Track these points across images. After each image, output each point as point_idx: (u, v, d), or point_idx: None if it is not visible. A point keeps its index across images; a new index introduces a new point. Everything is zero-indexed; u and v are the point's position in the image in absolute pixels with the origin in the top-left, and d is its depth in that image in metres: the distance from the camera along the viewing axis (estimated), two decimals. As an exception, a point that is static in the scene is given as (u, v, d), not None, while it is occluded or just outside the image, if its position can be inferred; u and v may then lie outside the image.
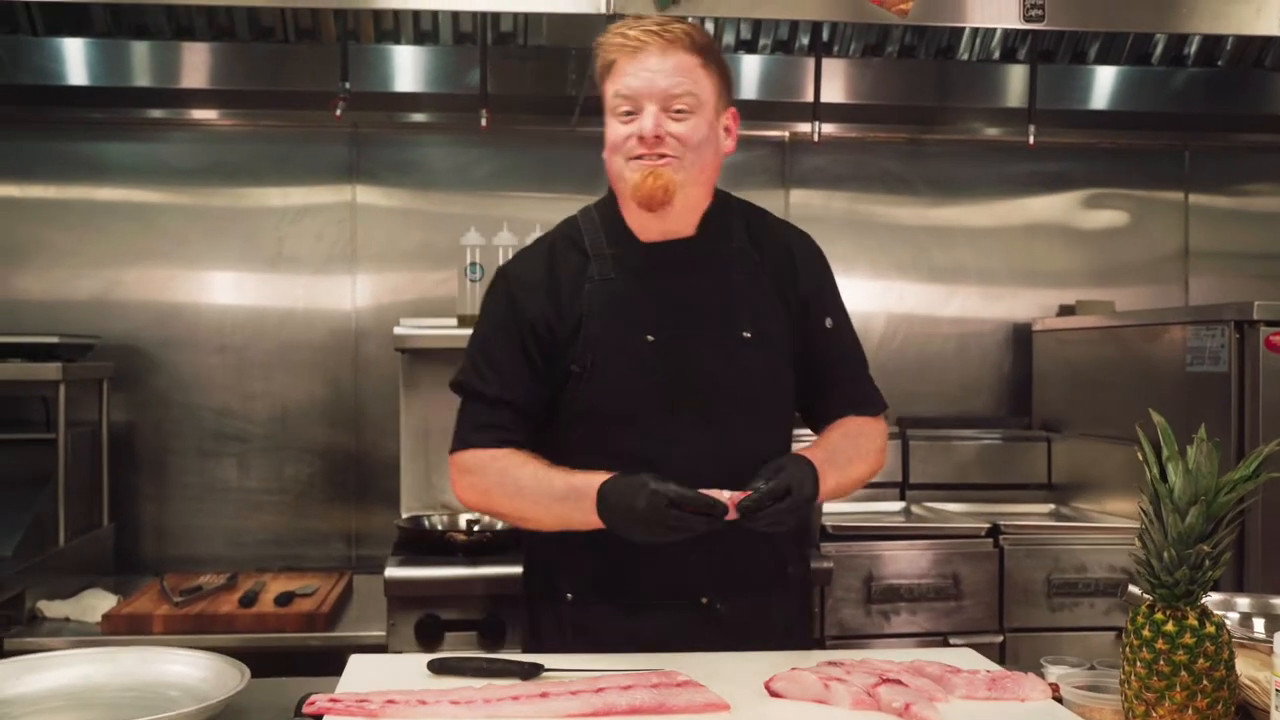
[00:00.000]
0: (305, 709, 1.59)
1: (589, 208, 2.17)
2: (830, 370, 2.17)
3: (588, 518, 1.92)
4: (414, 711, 1.57)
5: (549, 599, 2.12)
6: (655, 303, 2.05)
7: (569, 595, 2.09)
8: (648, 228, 2.07)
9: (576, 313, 2.04)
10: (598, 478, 1.92)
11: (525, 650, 2.14)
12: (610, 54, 2.00)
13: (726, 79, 2.08)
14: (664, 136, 1.97)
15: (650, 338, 2.03)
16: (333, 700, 1.59)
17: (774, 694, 1.69)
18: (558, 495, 1.97)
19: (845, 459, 2.10)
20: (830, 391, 2.17)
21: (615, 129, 2.01)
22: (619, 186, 2.05)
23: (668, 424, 2.02)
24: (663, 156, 1.98)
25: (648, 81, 1.96)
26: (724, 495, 1.85)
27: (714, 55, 2.04)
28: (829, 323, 2.17)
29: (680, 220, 2.07)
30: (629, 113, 1.99)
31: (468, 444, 2.09)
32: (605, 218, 2.12)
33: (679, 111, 1.98)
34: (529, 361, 2.06)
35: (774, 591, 2.13)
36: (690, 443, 2.02)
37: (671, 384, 2.02)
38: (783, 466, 1.91)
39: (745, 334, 2.06)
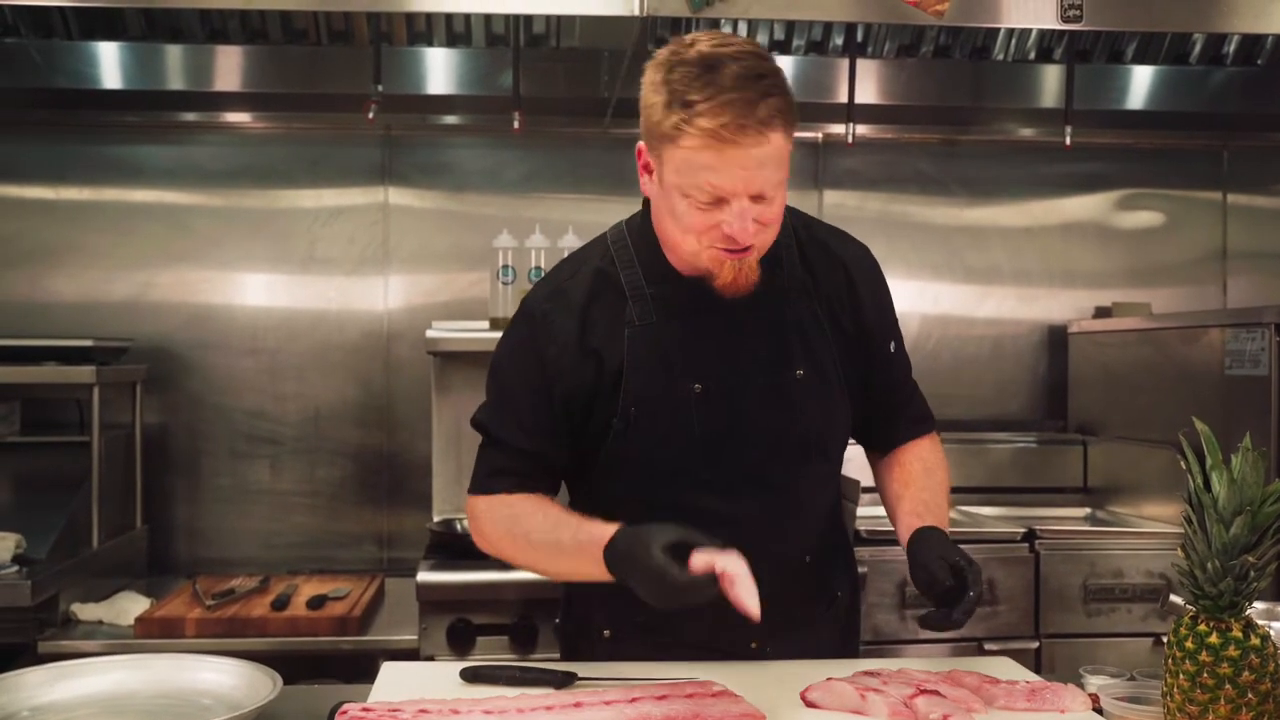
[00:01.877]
0: (337, 718, 1.58)
1: (620, 231, 1.97)
2: (894, 393, 2.08)
3: (598, 570, 1.73)
4: (447, 721, 1.56)
5: (586, 635, 2.03)
6: (701, 348, 1.88)
7: (606, 633, 1.98)
8: (682, 262, 1.88)
9: (616, 362, 1.87)
10: (608, 529, 1.73)
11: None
12: (683, 140, 1.70)
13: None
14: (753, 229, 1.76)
15: (698, 387, 1.87)
16: (365, 709, 1.58)
17: (810, 704, 1.67)
18: (567, 548, 1.80)
19: (945, 502, 2.04)
20: (894, 415, 2.08)
21: (693, 215, 1.74)
22: (686, 258, 1.83)
23: (719, 477, 1.90)
24: (744, 250, 1.78)
25: (742, 180, 1.70)
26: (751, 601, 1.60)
27: (794, 111, 1.74)
28: (893, 347, 2.05)
29: None
30: (710, 202, 1.74)
31: (481, 489, 1.94)
32: (641, 248, 1.92)
33: (759, 198, 1.74)
34: (552, 414, 1.89)
35: (821, 623, 2.05)
36: (744, 494, 1.90)
37: (722, 436, 1.89)
38: (960, 566, 1.81)
39: (798, 372, 1.91)
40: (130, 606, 3.12)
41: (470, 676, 1.76)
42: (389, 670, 1.84)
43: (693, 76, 1.69)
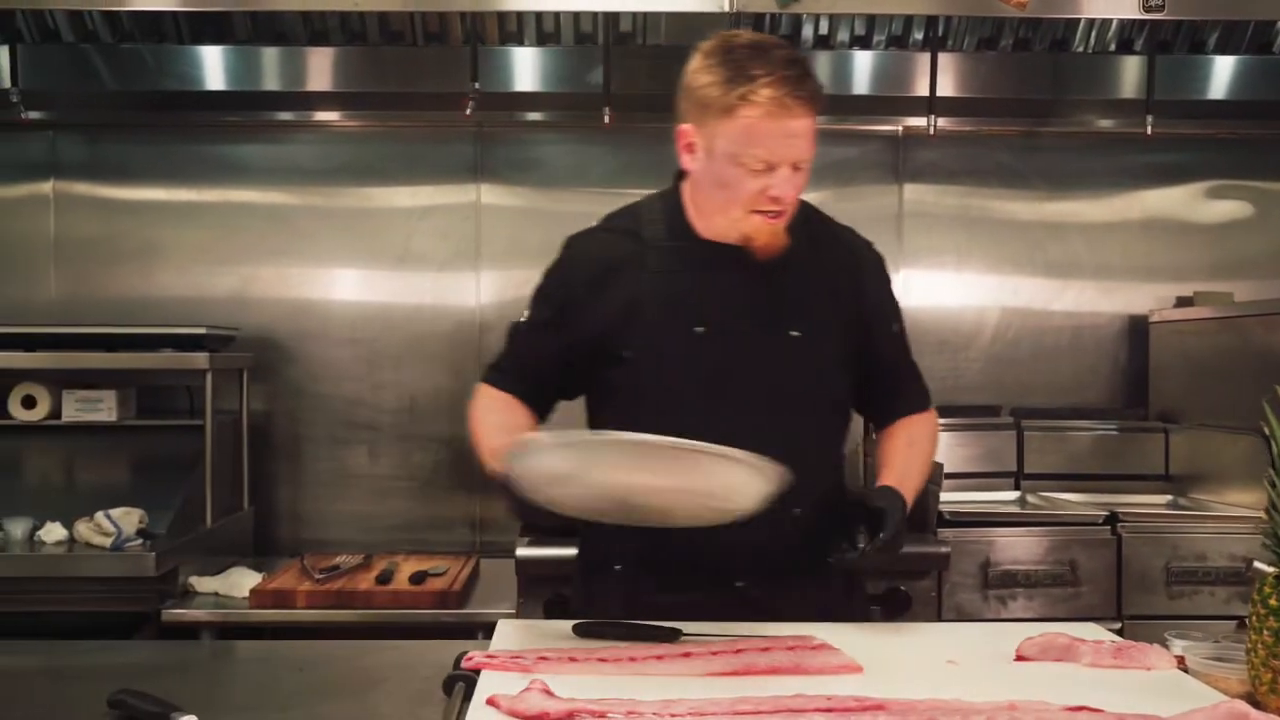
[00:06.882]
0: (463, 664, 1.70)
1: (651, 198, 2.23)
2: (894, 373, 2.29)
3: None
4: (566, 668, 1.67)
5: (601, 569, 2.21)
6: (707, 297, 2.11)
7: (618, 566, 2.17)
8: (712, 228, 2.11)
9: (630, 300, 2.11)
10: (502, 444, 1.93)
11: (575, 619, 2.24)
12: (745, 110, 1.96)
13: None
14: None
15: (699, 329, 2.09)
16: (489, 656, 1.70)
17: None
18: (488, 451, 2.05)
19: (917, 471, 2.22)
20: (894, 392, 2.29)
21: (744, 182, 2.00)
22: (725, 225, 2.07)
23: (709, 414, 2.03)
24: (781, 213, 2.04)
25: (791, 146, 1.98)
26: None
27: (824, 96, 2.07)
28: (896, 328, 2.27)
29: None
30: (761, 168, 1.99)
31: (483, 379, 2.25)
32: (668, 210, 2.17)
33: (797, 167, 2.02)
34: (560, 335, 2.15)
35: (809, 578, 2.16)
36: (731, 436, 1.97)
37: (716, 376, 2.09)
38: (882, 512, 2.01)
39: (794, 333, 2.12)
40: (243, 580, 3.28)
41: (582, 631, 1.87)
42: (505, 627, 1.96)
43: (750, 56, 1.98)
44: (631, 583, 2.14)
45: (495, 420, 2.15)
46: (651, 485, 1.80)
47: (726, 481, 1.79)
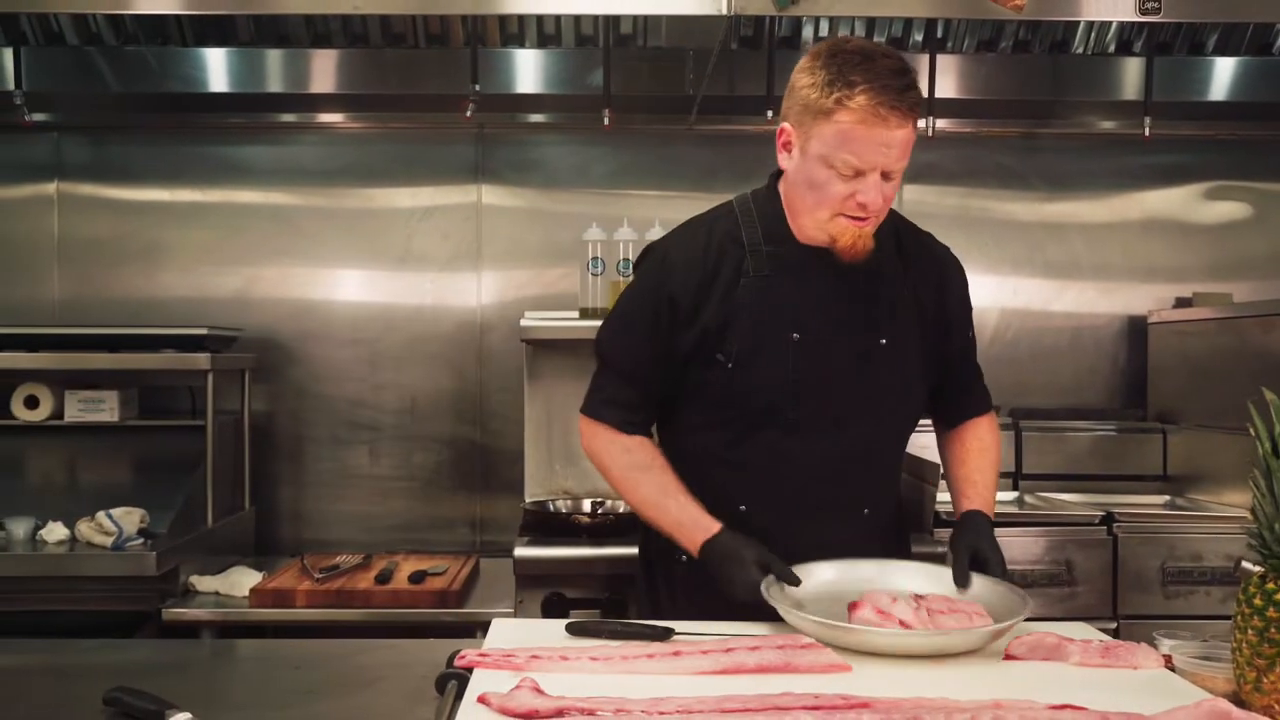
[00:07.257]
0: (456, 662, 1.72)
1: (745, 198, 2.23)
2: (965, 374, 2.37)
3: (688, 546, 2.11)
4: (557, 666, 1.69)
5: (664, 561, 2.24)
6: (803, 302, 2.14)
7: (684, 558, 2.18)
8: (804, 230, 2.14)
9: (730, 305, 2.13)
10: (707, 526, 2.08)
11: (640, 610, 2.29)
12: (840, 114, 1.97)
13: None
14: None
15: (796, 336, 2.13)
16: (482, 654, 1.72)
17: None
18: (669, 516, 2.15)
19: (993, 481, 2.32)
20: (965, 394, 2.38)
21: (834, 185, 2.02)
22: (814, 226, 2.09)
23: (800, 418, 2.13)
24: (867, 218, 2.05)
25: (883, 155, 1.99)
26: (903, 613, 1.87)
27: (924, 107, 2.11)
28: (970, 333, 2.36)
29: None
30: (851, 173, 2.01)
31: (599, 417, 2.25)
32: (763, 213, 2.18)
33: (888, 176, 2.02)
34: (666, 345, 2.17)
35: None
36: (816, 438, 2.14)
37: (806, 381, 2.13)
38: (984, 557, 2.09)
39: (882, 340, 2.16)
40: (243, 579, 3.30)
41: (575, 630, 1.89)
42: (499, 625, 1.97)
43: (855, 63, 1.98)
44: (699, 575, 2.14)
45: (650, 479, 2.18)
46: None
47: (968, 643, 1.86)
